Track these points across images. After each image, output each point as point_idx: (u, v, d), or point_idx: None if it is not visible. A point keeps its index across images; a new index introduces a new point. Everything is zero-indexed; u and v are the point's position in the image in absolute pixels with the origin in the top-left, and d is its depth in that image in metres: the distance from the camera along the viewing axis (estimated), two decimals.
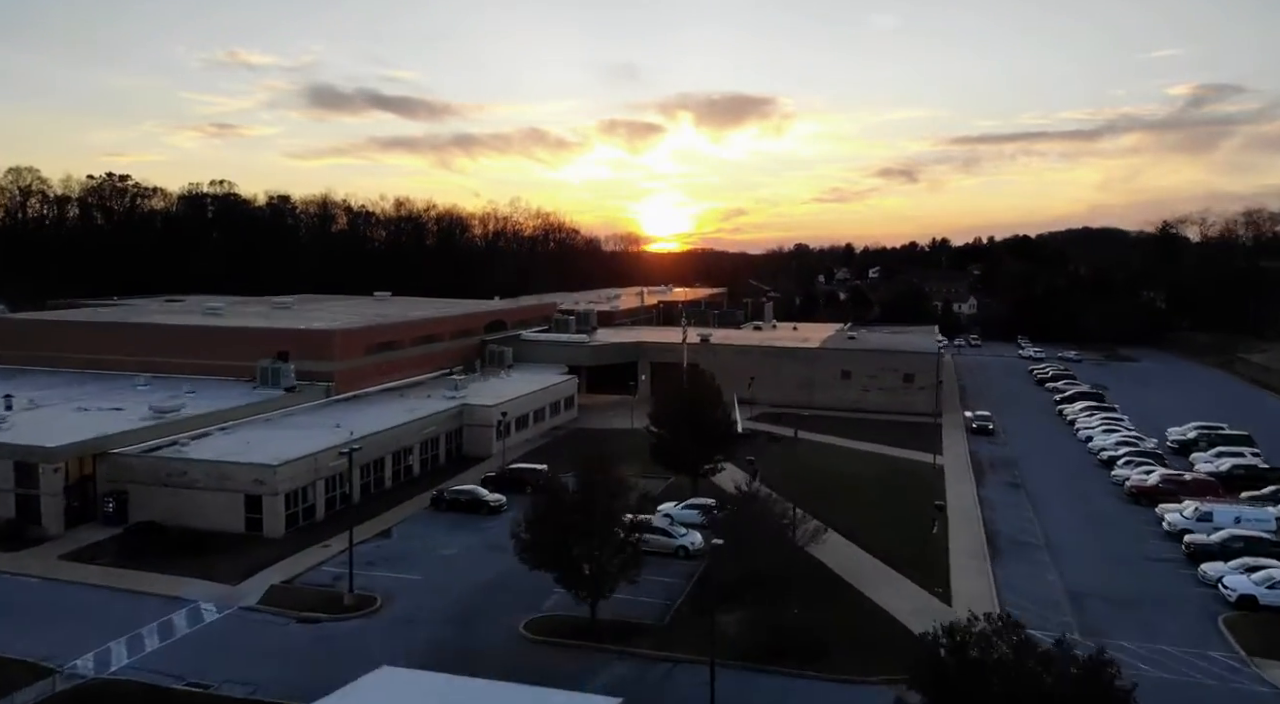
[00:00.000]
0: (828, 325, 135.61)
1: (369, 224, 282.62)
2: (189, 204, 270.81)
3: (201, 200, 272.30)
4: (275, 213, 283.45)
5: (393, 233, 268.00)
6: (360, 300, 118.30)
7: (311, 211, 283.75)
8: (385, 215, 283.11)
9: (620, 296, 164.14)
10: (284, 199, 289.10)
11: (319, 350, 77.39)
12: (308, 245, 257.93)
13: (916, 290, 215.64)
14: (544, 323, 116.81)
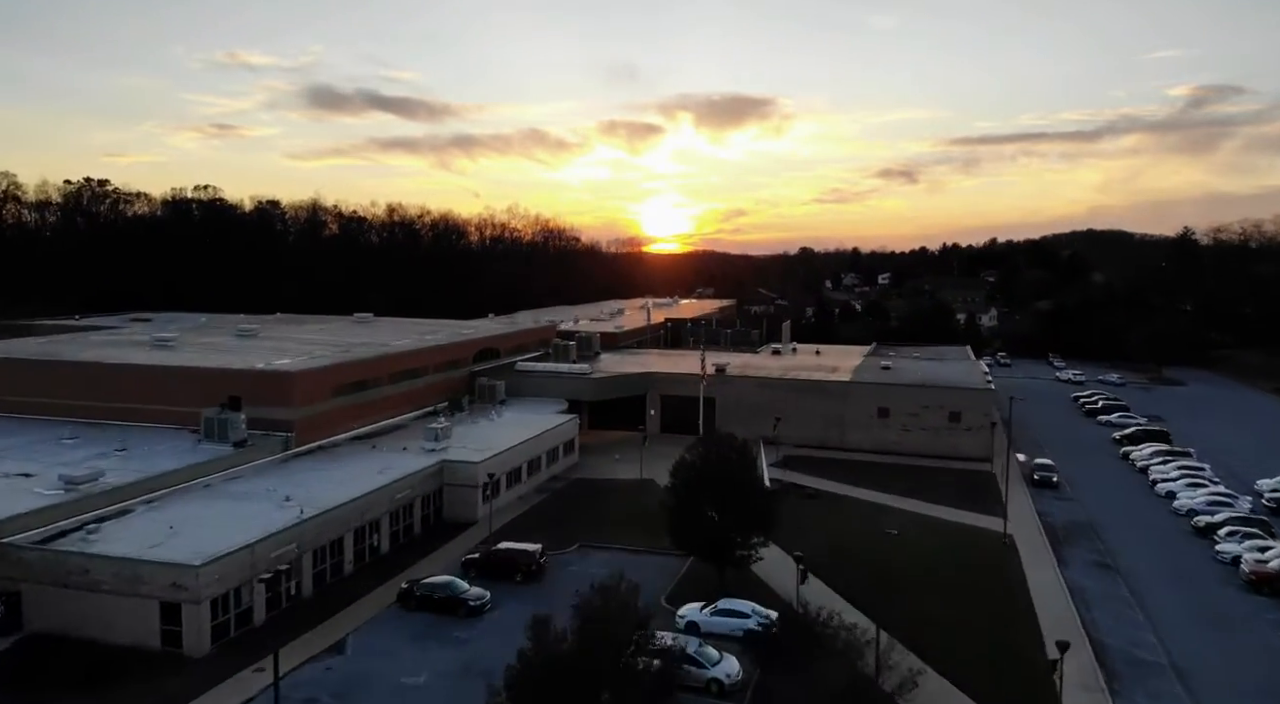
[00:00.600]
0: (852, 348, 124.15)
1: (361, 230, 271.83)
2: (173, 210, 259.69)
3: (186, 206, 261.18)
4: (263, 218, 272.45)
5: (385, 240, 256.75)
6: (339, 323, 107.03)
7: (301, 217, 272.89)
8: (378, 221, 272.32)
9: (624, 312, 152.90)
10: (273, 204, 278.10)
11: (276, 395, 66.09)
12: (296, 253, 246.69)
13: (939, 305, 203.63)
14: (542, 347, 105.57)
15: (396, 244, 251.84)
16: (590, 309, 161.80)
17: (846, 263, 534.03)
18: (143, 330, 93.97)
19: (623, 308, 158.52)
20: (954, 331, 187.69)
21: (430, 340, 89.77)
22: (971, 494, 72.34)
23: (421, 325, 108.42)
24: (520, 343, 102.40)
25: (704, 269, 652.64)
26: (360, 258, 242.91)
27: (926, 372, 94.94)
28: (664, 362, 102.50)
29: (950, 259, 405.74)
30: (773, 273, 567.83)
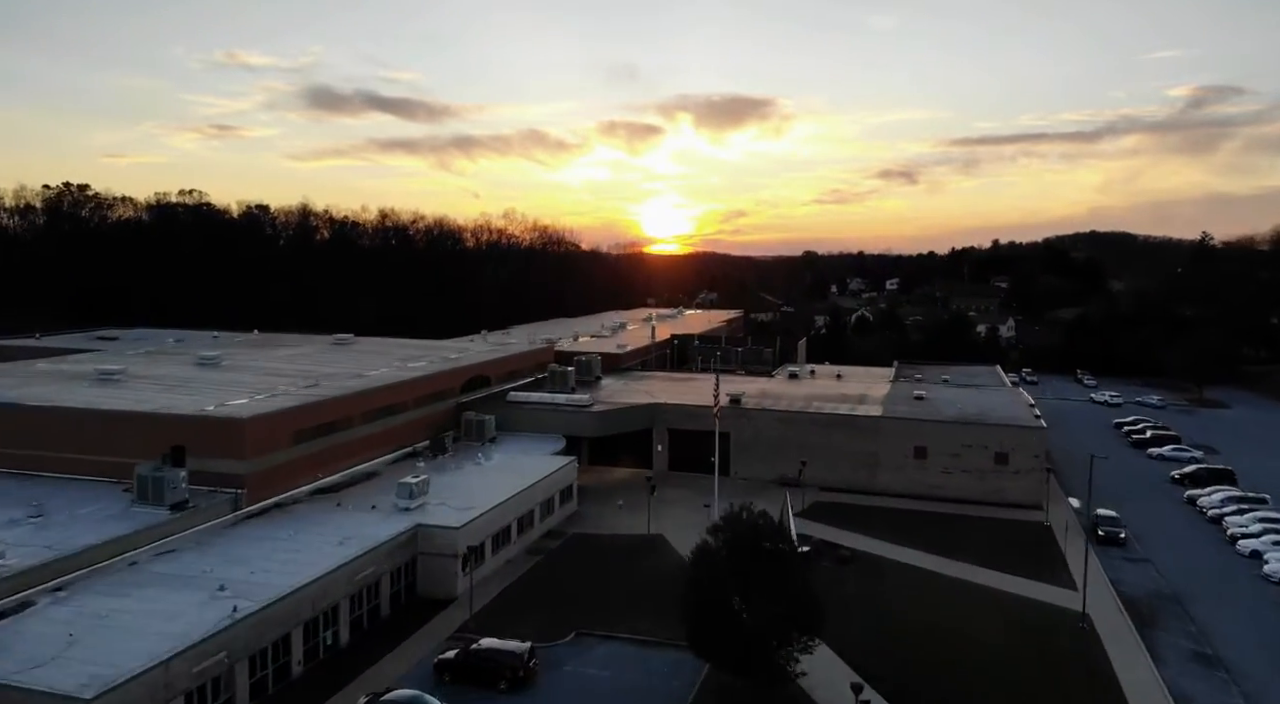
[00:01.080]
0: (875, 370, 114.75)
1: (354, 235, 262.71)
2: (158, 215, 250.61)
3: (171, 211, 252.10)
4: (252, 223, 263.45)
5: (378, 245, 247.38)
6: (315, 346, 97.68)
7: (291, 222, 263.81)
8: (371, 225, 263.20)
9: (626, 327, 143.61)
10: (262, 209, 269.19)
11: (224, 445, 56.75)
12: (286, 259, 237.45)
13: (958, 317, 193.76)
14: (538, 371, 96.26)
15: (389, 250, 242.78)
16: (590, 323, 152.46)
17: (851, 266, 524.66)
18: (92, 359, 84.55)
19: (624, 322, 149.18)
20: (974, 344, 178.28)
21: (412, 370, 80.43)
22: (1030, 554, 62.98)
23: (406, 347, 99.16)
24: (513, 369, 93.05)
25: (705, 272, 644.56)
26: (352, 264, 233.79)
27: (964, 402, 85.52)
28: (672, 389, 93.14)
29: (959, 264, 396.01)
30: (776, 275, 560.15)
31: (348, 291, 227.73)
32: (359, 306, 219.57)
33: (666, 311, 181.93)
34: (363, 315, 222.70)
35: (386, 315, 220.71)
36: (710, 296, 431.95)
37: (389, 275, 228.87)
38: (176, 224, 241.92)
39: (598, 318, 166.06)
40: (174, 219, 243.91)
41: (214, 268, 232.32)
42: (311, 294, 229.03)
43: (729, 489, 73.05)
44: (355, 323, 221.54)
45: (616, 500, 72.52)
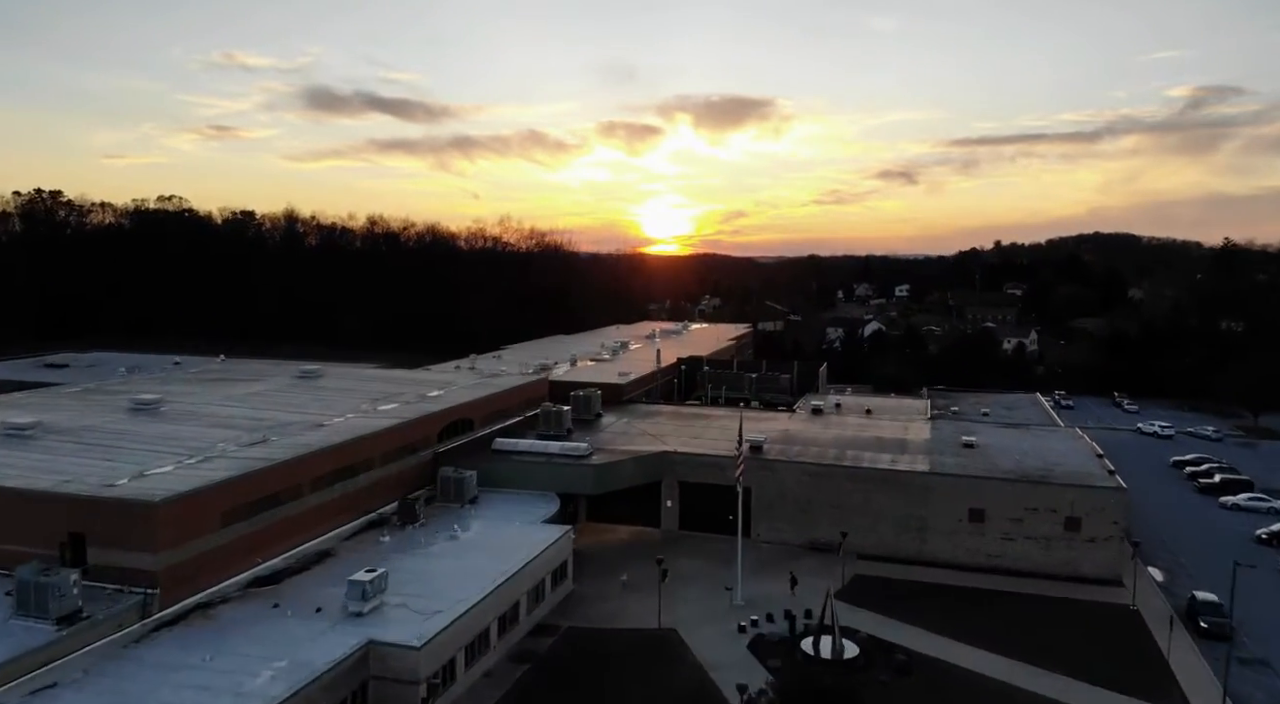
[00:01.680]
0: (905, 402, 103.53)
1: (344, 242, 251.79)
2: (137, 222, 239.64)
3: (151, 218, 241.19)
4: (236, 230, 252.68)
5: (368, 253, 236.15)
6: (276, 381, 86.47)
7: (278, 229, 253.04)
8: (361, 231, 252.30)
9: (628, 347, 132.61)
10: (247, 215, 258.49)
11: (132, 534, 45.66)
12: (272, 269, 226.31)
13: (983, 333, 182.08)
14: (530, 406, 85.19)
15: (380, 257, 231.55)
16: (590, 341, 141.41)
17: (857, 270, 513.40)
18: (6, 404, 73.17)
19: (626, 340, 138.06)
20: (1000, 362, 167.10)
21: (382, 416, 69.27)
22: (1123, 654, 51.81)
23: (380, 381, 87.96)
24: (501, 407, 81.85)
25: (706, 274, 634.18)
26: (340, 273, 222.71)
27: (1022, 450, 74.25)
28: (682, 430, 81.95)
29: (969, 268, 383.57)
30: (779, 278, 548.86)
31: (335, 303, 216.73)
32: (346, 319, 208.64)
33: (671, 326, 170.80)
34: (349, 328, 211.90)
35: (375, 328, 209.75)
36: (714, 302, 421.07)
37: (379, 284, 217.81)
38: (157, 231, 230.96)
39: (598, 335, 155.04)
40: (154, 226, 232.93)
41: (196, 277, 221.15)
42: (298, 305, 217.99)
43: (752, 557, 61.95)
44: (340, 337, 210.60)
45: (620, 575, 61.37)
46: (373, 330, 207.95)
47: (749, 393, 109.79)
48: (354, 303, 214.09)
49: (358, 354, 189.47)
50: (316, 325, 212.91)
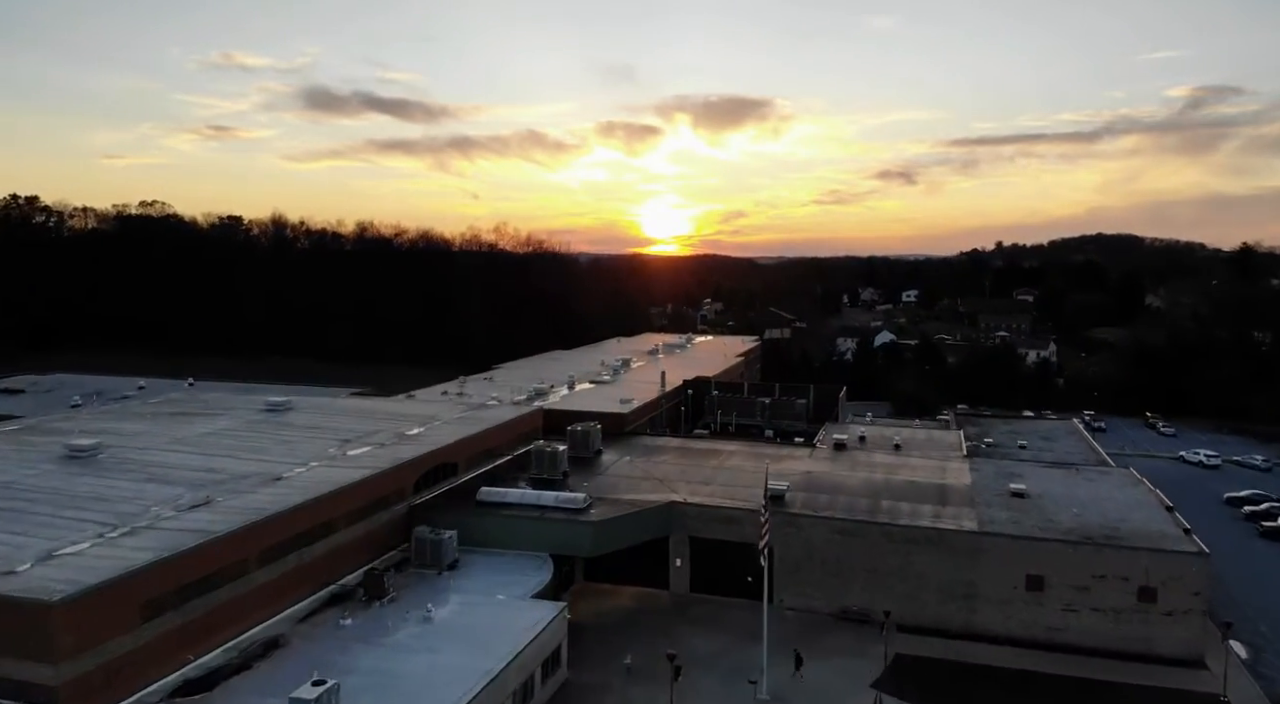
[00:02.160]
0: (937, 434, 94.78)
1: (334, 246, 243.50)
2: (120, 227, 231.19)
3: (135, 223, 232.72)
4: (223, 235, 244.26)
5: (359, 259, 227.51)
6: (240, 416, 77.80)
7: (265, 236, 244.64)
8: (350, 236, 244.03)
9: (630, 366, 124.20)
10: (234, 220, 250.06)
11: (25, 641, 37.01)
12: (259, 276, 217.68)
13: (1004, 347, 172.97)
14: (522, 442, 76.61)
15: (371, 264, 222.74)
16: (589, 358, 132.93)
17: (860, 273, 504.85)
18: None
19: (628, 358, 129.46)
20: (1023, 377, 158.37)
21: (353, 463, 60.58)
22: None
23: (354, 416, 79.26)
24: (489, 446, 73.20)
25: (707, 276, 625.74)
26: (330, 281, 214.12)
27: (1080, 502, 65.50)
28: (692, 471, 73.29)
29: (977, 272, 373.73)
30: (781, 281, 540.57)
31: (324, 311, 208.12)
32: (335, 328, 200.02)
33: (675, 340, 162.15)
34: (338, 338, 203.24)
35: (365, 337, 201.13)
36: (715, 307, 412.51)
37: (370, 292, 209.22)
38: (140, 237, 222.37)
39: (598, 350, 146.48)
40: (137, 232, 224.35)
41: (180, 285, 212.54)
42: (286, 312, 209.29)
43: (776, 629, 53.30)
44: (330, 346, 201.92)
45: (624, 658, 52.70)
46: (363, 340, 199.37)
47: (762, 420, 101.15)
48: (344, 311, 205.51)
49: (346, 368, 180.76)
50: (305, 334, 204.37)
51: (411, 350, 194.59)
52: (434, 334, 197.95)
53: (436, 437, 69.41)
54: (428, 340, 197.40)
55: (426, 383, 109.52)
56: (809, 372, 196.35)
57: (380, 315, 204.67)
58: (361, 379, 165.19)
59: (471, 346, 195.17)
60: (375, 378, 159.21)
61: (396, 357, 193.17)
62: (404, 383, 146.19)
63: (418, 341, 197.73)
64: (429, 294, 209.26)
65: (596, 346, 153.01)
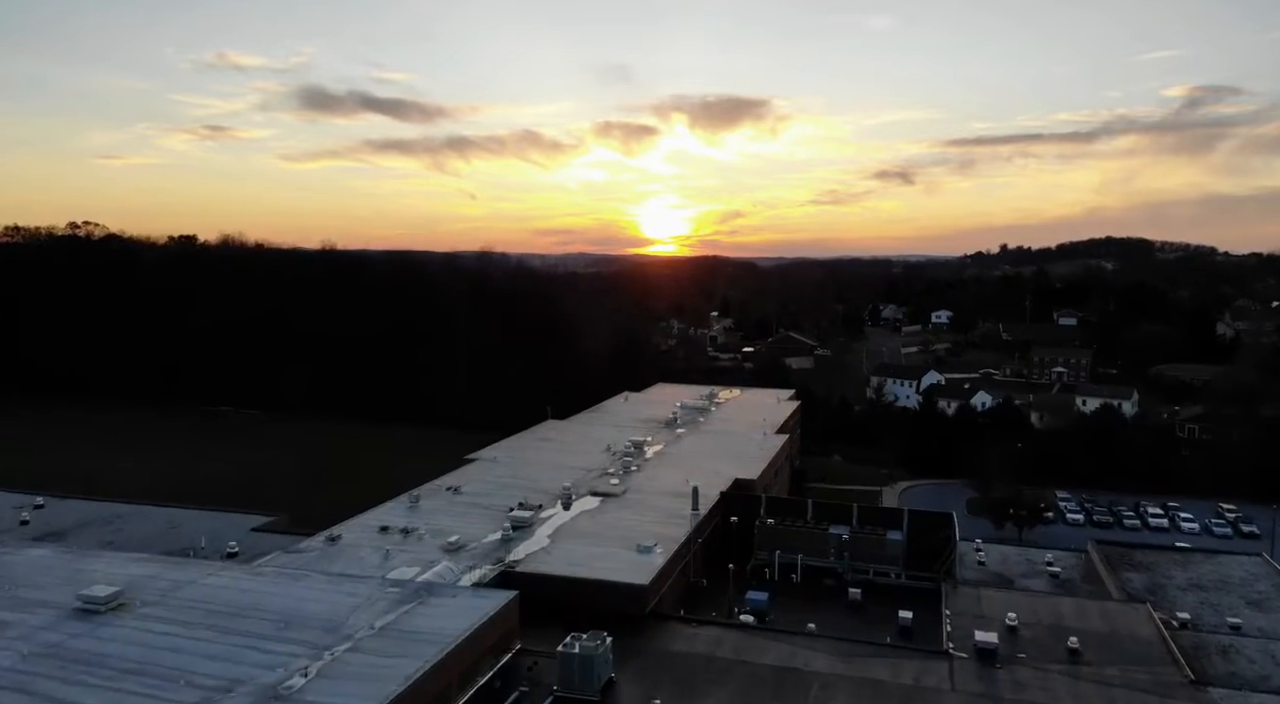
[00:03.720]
0: (1114, 606, 64.29)
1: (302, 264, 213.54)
2: (37, 253, 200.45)
3: (60, 246, 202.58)
4: (177, 257, 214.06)
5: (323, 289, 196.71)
6: (46, 612, 47.62)
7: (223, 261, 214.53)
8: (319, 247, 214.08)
9: (644, 452, 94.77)
10: (187, 240, 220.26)
11: None
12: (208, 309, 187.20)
13: (1108, 416, 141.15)
14: (491, 656, 46.87)
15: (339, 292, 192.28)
16: (591, 435, 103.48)
17: (879, 284, 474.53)
18: None
19: (642, 441, 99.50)
20: (1134, 450, 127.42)
21: None
22: None
23: (216, 627, 48.96)
24: (437, 690, 43.16)
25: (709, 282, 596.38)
26: (291, 310, 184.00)
27: None
28: None
29: (1017, 290, 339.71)
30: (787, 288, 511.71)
31: (281, 349, 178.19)
32: (291, 374, 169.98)
33: (694, 397, 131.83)
34: (293, 386, 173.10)
35: (324, 385, 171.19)
36: (725, 323, 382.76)
37: (336, 325, 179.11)
38: (70, 263, 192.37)
39: (601, 419, 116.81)
40: (64, 257, 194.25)
41: (118, 318, 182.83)
42: (238, 348, 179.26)
43: None
44: (281, 398, 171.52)
45: None
46: (323, 387, 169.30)
47: (838, 563, 71.19)
48: (302, 351, 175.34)
49: (296, 427, 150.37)
50: (257, 379, 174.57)
51: (379, 401, 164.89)
52: (406, 382, 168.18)
53: None
54: (399, 389, 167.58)
55: (387, 459, 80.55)
56: (851, 426, 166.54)
57: (345, 355, 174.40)
58: (307, 446, 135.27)
59: (452, 397, 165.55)
60: (316, 454, 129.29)
61: (360, 409, 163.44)
62: (368, 438, 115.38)
63: (387, 390, 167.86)
64: (404, 327, 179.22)
65: (599, 411, 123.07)
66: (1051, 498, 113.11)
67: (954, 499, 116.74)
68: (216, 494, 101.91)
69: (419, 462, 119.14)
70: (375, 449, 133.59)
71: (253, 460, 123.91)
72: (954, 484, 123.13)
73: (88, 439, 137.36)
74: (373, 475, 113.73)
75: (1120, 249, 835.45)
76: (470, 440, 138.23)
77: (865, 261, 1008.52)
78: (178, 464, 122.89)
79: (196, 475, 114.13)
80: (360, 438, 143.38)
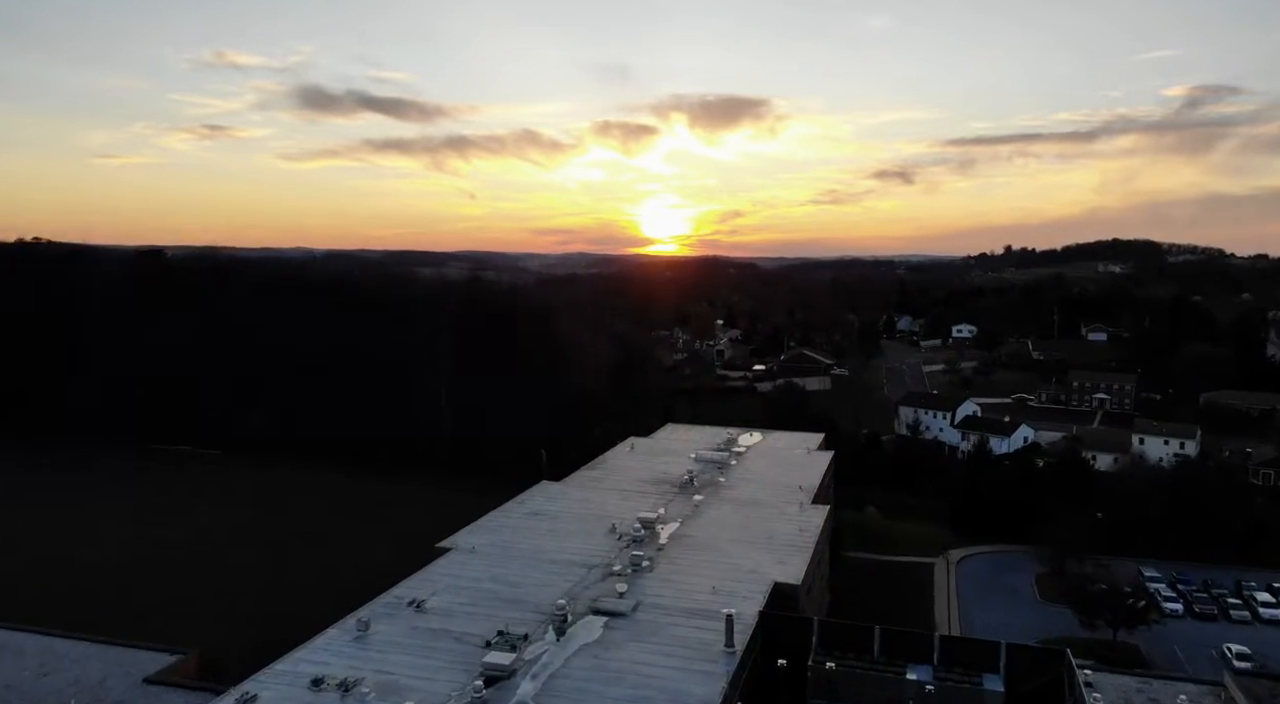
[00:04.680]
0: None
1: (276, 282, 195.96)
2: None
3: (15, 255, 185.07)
4: (141, 269, 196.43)
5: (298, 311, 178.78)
6: None
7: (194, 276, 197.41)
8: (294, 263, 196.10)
9: (657, 533, 77.51)
10: (151, 254, 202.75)
11: None
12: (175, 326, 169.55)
13: (1204, 471, 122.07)
14: None
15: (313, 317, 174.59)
16: (590, 509, 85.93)
17: (891, 292, 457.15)
18: None
19: (653, 520, 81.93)
20: (1211, 504, 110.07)
21: None
22: None
23: None
24: None
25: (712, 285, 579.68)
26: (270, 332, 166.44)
27: None
28: None
29: (1039, 302, 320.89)
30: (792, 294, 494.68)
31: (247, 381, 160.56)
32: (246, 413, 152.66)
33: (710, 447, 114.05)
34: (258, 423, 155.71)
35: (291, 421, 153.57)
36: (734, 336, 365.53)
37: (308, 348, 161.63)
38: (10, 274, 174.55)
39: (602, 479, 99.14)
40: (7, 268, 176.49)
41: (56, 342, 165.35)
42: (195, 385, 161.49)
43: None
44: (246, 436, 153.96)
45: None
46: (290, 423, 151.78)
47: None
48: (272, 379, 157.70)
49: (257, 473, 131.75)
50: (220, 408, 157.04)
51: (354, 439, 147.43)
52: (385, 416, 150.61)
53: None
54: (378, 424, 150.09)
55: (354, 527, 63.16)
56: (883, 467, 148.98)
57: (318, 384, 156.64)
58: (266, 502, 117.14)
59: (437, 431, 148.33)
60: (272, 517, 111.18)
61: (333, 447, 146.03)
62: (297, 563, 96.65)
63: (364, 425, 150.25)
64: (384, 353, 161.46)
65: (601, 469, 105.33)
66: (1138, 577, 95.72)
67: (1019, 574, 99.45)
68: (136, 592, 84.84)
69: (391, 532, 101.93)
70: (343, 508, 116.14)
71: (195, 529, 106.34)
72: (1015, 553, 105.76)
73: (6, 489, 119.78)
74: (334, 553, 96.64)
75: (1127, 251, 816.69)
76: (454, 492, 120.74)
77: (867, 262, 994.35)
78: (108, 530, 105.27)
79: (123, 556, 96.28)
80: (327, 491, 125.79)
